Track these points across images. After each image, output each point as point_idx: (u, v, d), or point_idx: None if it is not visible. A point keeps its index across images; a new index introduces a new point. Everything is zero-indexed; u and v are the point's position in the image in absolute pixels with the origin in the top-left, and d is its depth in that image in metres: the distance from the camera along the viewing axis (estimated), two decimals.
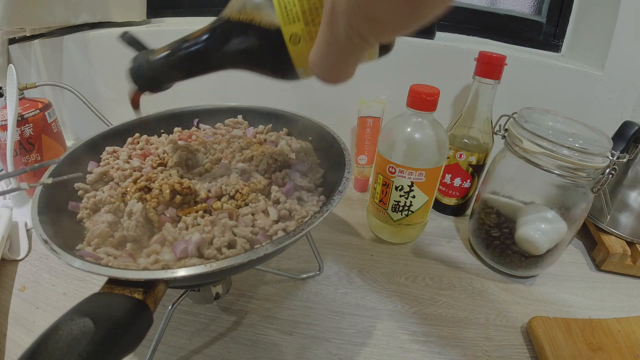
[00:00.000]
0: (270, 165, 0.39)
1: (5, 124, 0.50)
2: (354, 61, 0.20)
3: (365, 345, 0.38)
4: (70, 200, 0.35)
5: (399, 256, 0.50)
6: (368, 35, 0.17)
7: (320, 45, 0.20)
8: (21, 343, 0.36)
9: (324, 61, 0.20)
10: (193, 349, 0.37)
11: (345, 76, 0.21)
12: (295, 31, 0.22)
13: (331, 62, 0.20)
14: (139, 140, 0.44)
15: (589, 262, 0.52)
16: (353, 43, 0.18)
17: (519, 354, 0.38)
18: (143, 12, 0.68)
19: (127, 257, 0.29)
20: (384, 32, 0.17)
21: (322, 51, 0.20)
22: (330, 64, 0.20)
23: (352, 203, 0.61)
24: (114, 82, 0.69)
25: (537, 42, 0.67)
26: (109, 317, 0.21)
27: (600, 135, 0.41)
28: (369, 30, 0.17)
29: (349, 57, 0.20)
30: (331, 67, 0.20)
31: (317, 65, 0.21)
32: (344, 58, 0.20)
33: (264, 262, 0.27)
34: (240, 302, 0.42)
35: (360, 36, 0.18)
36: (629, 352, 0.37)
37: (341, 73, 0.21)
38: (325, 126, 0.43)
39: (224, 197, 0.35)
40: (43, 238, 0.26)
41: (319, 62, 0.20)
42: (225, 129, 0.47)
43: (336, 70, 0.21)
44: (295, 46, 0.22)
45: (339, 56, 0.20)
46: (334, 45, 0.19)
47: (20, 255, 0.46)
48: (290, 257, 0.48)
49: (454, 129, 0.55)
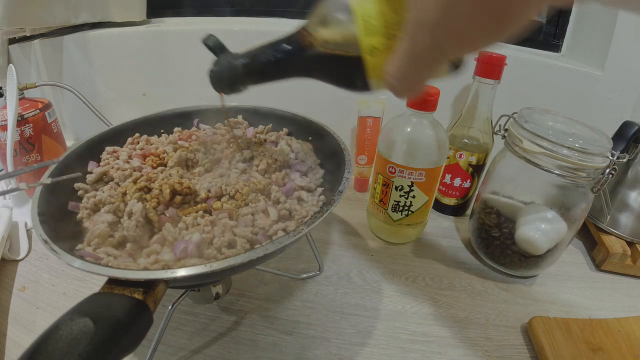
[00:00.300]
0: (270, 165, 0.39)
1: (5, 124, 0.50)
2: (429, 76, 0.21)
3: (365, 345, 0.38)
4: (70, 200, 0.35)
5: (399, 256, 0.50)
6: (449, 50, 0.18)
7: (400, 58, 0.20)
8: (21, 343, 0.36)
9: (400, 74, 0.21)
10: (193, 349, 0.37)
11: (417, 90, 0.22)
12: (374, 44, 0.23)
13: (408, 75, 0.21)
14: (139, 140, 0.44)
15: (589, 262, 0.52)
16: (433, 57, 0.19)
17: (519, 354, 0.38)
18: (143, 12, 0.68)
19: (127, 257, 0.29)
20: (465, 48, 0.18)
21: (400, 64, 0.20)
22: (407, 77, 0.21)
23: (352, 203, 0.61)
24: (114, 82, 0.69)
25: (537, 42, 0.67)
26: (109, 317, 0.21)
27: (600, 135, 0.41)
28: (451, 45, 0.18)
29: (425, 71, 0.20)
30: (407, 80, 0.21)
31: (393, 77, 0.21)
32: (420, 72, 0.20)
33: (264, 262, 0.27)
34: (240, 302, 0.42)
35: (442, 51, 0.18)
36: (629, 352, 0.37)
37: (415, 86, 0.22)
38: (325, 126, 0.43)
39: (224, 197, 0.35)
40: (43, 238, 0.26)
41: (396, 74, 0.21)
42: (225, 129, 0.47)
43: (411, 83, 0.21)
44: (373, 58, 0.23)
45: (416, 69, 0.20)
46: (414, 59, 0.20)
47: (20, 255, 0.46)
48: (290, 257, 0.48)
49: (454, 129, 0.55)
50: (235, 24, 0.67)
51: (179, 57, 0.66)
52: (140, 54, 0.66)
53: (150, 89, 0.70)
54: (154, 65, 0.67)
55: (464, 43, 0.18)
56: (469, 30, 0.17)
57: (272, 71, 0.30)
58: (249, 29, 0.63)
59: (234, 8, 0.72)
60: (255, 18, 0.71)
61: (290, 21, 0.70)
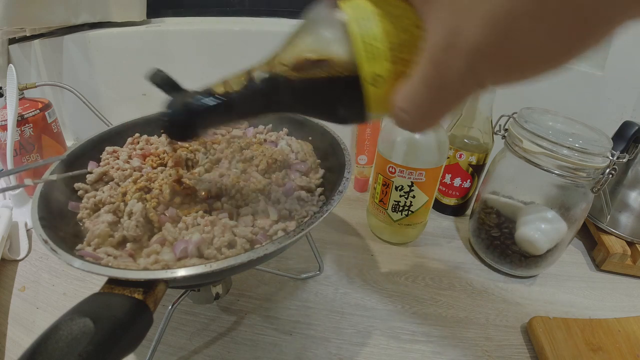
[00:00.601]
0: (270, 165, 0.39)
1: (5, 124, 0.50)
2: (452, 109, 0.17)
3: (365, 345, 0.38)
4: (70, 200, 0.35)
5: (399, 256, 0.50)
6: (489, 78, 0.15)
7: (415, 88, 0.16)
8: (21, 343, 0.36)
9: (415, 106, 0.17)
10: (193, 349, 0.37)
11: (435, 124, 0.18)
12: (378, 71, 0.18)
13: (425, 108, 0.17)
14: (139, 140, 0.44)
15: (589, 262, 0.52)
16: (463, 88, 0.15)
17: (519, 354, 0.38)
18: (143, 12, 0.68)
19: (127, 257, 0.29)
20: (513, 76, 0.14)
21: (416, 95, 0.16)
22: (424, 110, 0.17)
23: (352, 203, 0.61)
24: (114, 82, 0.69)
25: None
26: (109, 317, 0.21)
27: (600, 135, 0.41)
28: (494, 72, 0.14)
29: (449, 104, 0.16)
30: (423, 113, 0.17)
31: (406, 111, 0.17)
32: (443, 105, 0.16)
33: (264, 262, 0.27)
34: (240, 302, 0.42)
35: (478, 80, 0.15)
36: (629, 352, 0.37)
37: (433, 121, 0.18)
38: (325, 126, 0.43)
39: (224, 197, 0.35)
40: (43, 238, 0.26)
41: (409, 107, 0.17)
42: (225, 129, 0.47)
43: (430, 117, 0.17)
44: (376, 88, 0.19)
45: (437, 102, 0.16)
46: (435, 89, 0.16)
47: (20, 255, 0.46)
48: (290, 257, 0.48)
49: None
50: (235, 24, 0.67)
51: (179, 57, 0.66)
52: (140, 54, 0.66)
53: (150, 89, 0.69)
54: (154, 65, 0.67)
55: (515, 70, 0.14)
56: (531, 52, 0.13)
57: (245, 110, 0.24)
58: (249, 29, 0.63)
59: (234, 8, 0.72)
60: (255, 18, 0.71)
61: (291, 21, 0.70)
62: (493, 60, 0.14)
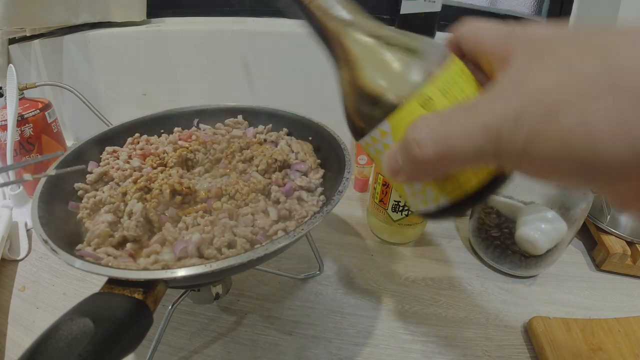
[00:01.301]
0: (270, 165, 0.39)
1: (5, 124, 0.50)
2: (462, 168, 0.18)
3: (365, 345, 0.38)
4: (70, 200, 0.35)
5: (399, 256, 0.50)
6: (520, 169, 0.15)
7: (451, 129, 0.16)
8: (21, 343, 0.36)
9: (436, 146, 0.16)
10: (193, 349, 0.37)
11: (424, 180, 0.20)
12: (432, 95, 0.19)
13: (443, 154, 0.16)
14: (139, 140, 0.44)
15: (589, 262, 0.52)
16: (490, 160, 0.15)
17: (519, 354, 0.38)
18: (143, 12, 0.68)
19: (127, 257, 0.29)
20: (541, 177, 0.15)
21: (446, 135, 0.16)
22: (441, 155, 0.16)
23: (352, 203, 0.61)
24: (114, 82, 0.69)
25: None
26: (109, 317, 0.21)
27: None
28: (534, 171, 0.15)
29: (463, 164, 0.17)
30: (436, 160, 0.16)
31: (419, 144, 0.16)
32: (458, 161, 0.16)
33: (264, 262, 0.27)
34: (240, 302, 0.42)
35: (510, 163, 0.15)
36: (629, 352, 0.37)
37: (429, 176, 0.18)
38: (325, 126, 0.43)
39: (224, 197, 0.35)
40: (43, 238, 0.26)
41: (428, 142, 0.16)
42: (225, 129, 0.47)
43: (433, 169, 0.17)
44: (423, 108, 0.19)
45: (456, 154, 0.16)
46: (462, 142, 0.15)
47: (20, 255, 0.46)
48: (290, 257, 0.48)
49: None
50: (235, 24, 0.67)
51: (179, 57, 0.66)
52: (140, 54, 0.66)
53: (150, 89, 0.70)
54: (154, 65, 0.67)
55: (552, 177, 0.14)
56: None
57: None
58: (249, 29, 0.63)
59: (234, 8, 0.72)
60: (255, 18, 0.71)
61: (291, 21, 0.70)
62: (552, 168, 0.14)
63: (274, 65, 0.65)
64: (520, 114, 0.14)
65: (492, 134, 0.14)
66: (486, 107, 0.15)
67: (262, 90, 0.67)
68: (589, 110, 0.12)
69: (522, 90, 0.14)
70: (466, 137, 0.15)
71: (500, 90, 0.15)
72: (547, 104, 0.13)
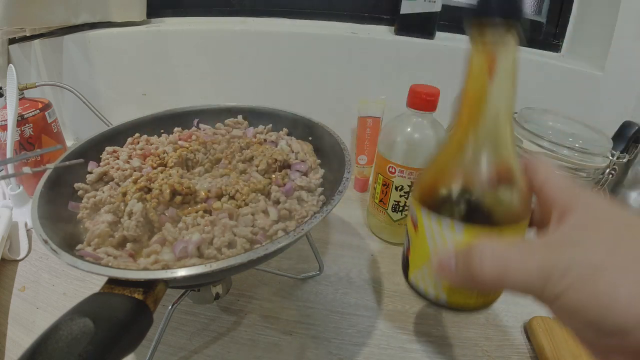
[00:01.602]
0: (270, 165, 0.39)
1: (5, 124, 0.50)
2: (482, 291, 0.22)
3: (365, 345, 0.38)
4: (70, 200, 0.35)
5: (399, 256, 0.50)
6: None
7: (508, 256, 0.19)
8: (21, 343, 0.36)
9: (487, 266, 0.19)
10: (193, 349, 0.37)
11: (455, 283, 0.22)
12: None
13: (478, 274, 0.19)
14: (139, 140, 0.44)
15: None
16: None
17: (519, 354, 0.38)
18: (143, 12, 0.68)
19: (127, 257, 0.29)
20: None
21: (500, 260, 0.19)
22: (474, 275, 0.20)
23: (352, 203, 0.61)
24: (114, 82, 0.69)
25: (537, 42, 0.67)
26: (109, 317, 0.21)
27: (600, 135, 0.41)
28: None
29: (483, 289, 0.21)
30: (470, 274, 0.20)
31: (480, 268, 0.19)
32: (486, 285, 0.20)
33: (264, 262, 0.27)
34: (240, 302, 0.42)
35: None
36: None
37: (460, 281, 0.21)
38: (325, 126, 0.43)
39: (224, 197, 0.35)
40: (43, 238, 0.26)
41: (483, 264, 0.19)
42: (225, 129, 0.47)
43: (468, 278, 0.20)
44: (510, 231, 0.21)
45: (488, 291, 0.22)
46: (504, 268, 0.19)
47: (20, 255, 0.46)
48: (290, 257, 0.48)
49: None
50: (235, 24, 0.67)
51: (179, 57, 0.66)
52: (140, 54, 0.66)
53: (150, 89, 0.70)
54: (154, 65, 0.67)
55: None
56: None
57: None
58: (249, 29, 0.63)
59: (234, 8, 0.72)
60: (255, 18, 0.71)
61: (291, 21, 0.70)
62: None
63: (274, 65, 0.65)
64: (570, 268, 0.17)
65: (543, 276, 0.17)
66: (545, 253, 0.18)
67: (262, 90, 0.67)
68: (621, 281, 0.16)
69: (577, 250, 0.17)
70: (523, 272, 0.18)
71: (559, 241, 0.18)
72: (593, 267, 0.16)
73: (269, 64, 0.65)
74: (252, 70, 0.65)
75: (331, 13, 0.69)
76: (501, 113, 0.21)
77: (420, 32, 0.61)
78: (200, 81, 0.68)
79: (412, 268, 0.26)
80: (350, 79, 0.63)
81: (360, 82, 0.63)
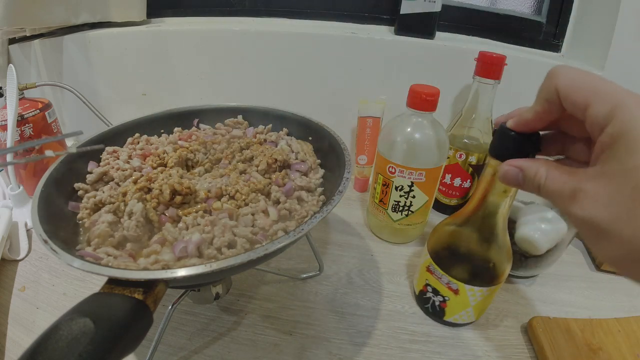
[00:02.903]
0: (270, 165, 0.39)
1: (5, 124, 0.50)
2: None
3: (365, 345, 0.38)
4: (70, 200, 0.35)
5: (399, 256, 0.50)
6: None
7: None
8: (21, 343, 0.36)
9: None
10: (193, 349, 0.37)
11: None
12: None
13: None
14: (139, 140, 0.44)
15: (589, 262, 0.52)
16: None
17: (519, 354, 0.38)
18: (143, 12, 0.68)
19: (127, 257, 0.29)
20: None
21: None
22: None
23: (352, 203, 0.61)
24: (114, 82, 0.69)
25: (537, 42, 0.67)
26: (109, 317, 0.21)
27: None
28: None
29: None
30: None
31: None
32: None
33: (264, 262, 0.27)
34: (240, 302, 0.42)
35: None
36: (629, 352, 0.37)
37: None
38: (325, 126, 0.43)
39: (224, 197, 0.35)
40: (43, 238, 0.26)
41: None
42: (225, 129, 0.47)
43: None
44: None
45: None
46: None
47: (20, 255, 0.46)
48: (290, 257, 0.48)
49: (454, 129, 0.55)
50: (235, 24, 0.67)
51: (179, 57, 0.66)
52: (140, 54, 0.66)
53: (150, 89, 0.70)
54: (154, 65, 0.67)
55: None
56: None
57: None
58: (249, 29, 0.63)
59: (234, 8, 0.72)
60: (255, 18, 0.71)
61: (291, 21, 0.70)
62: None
63: (274, 65, 0.65)
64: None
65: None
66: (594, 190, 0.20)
67: (262, 90, 0.67)
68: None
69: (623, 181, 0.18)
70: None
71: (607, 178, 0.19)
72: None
73: (269, 64, 0.65)
74: (252, 70, 0.65)
75: (331, 13, 0.69)
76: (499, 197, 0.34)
77: (420, 32, 0.61)
78: (200, 81, 0.68)
79: (449, 315, 0.39)
80: (350, 79, 0.63)
81: (360, 82, 0.63)
